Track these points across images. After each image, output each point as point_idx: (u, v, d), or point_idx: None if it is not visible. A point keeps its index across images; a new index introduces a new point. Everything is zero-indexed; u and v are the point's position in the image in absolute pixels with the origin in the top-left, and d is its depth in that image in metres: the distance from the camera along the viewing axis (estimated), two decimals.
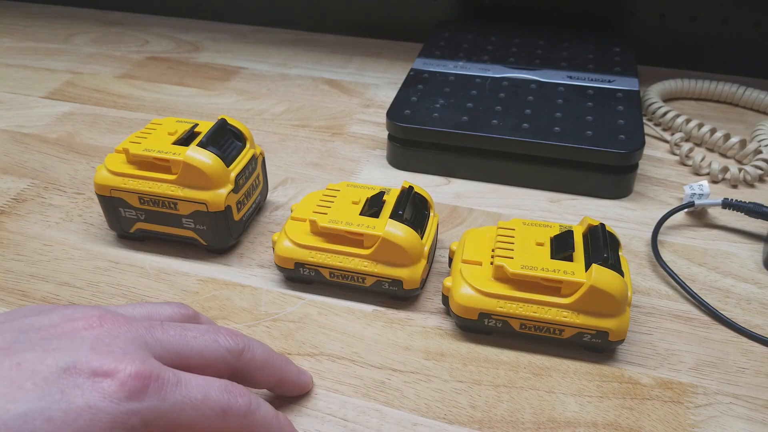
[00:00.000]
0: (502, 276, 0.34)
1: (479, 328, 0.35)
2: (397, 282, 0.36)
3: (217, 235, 0.40)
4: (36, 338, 0.24)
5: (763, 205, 0.42)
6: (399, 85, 0.54)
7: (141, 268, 0.40)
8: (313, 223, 0.36)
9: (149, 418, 0.23)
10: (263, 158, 0.43)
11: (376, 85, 0.63)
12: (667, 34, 0.63)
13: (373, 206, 0.37)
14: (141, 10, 0.80)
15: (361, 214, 0.37)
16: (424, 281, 0.38)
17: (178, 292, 0.39)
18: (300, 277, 0.38)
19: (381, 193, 0.38)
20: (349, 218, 0.37)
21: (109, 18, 0.79)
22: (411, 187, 0.39)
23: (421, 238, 0.37)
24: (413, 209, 0.38)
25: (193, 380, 0.25)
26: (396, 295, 0.37)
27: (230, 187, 0.38)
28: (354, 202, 0.38)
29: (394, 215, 0.36)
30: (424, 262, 0.36)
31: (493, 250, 0.35)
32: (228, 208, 0.39)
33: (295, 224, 0.38)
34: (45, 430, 0.21)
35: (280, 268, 0.38)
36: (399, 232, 0.35)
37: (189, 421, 0.24)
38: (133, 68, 0.66)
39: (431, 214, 0.39)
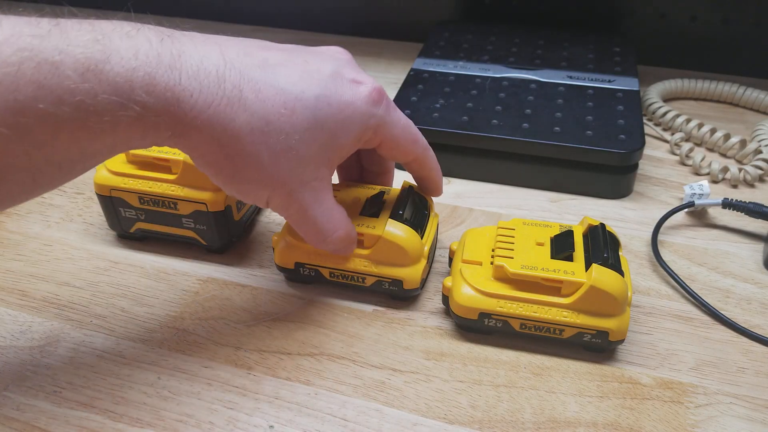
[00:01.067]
0: (502, 276, 0.34)
1: (479, 328, 0.35)
2: (397, 282, 0.36)
3: (217, 235, 0.40)
4: (308, 51, 0.32)
5: (763, 205, 0.42)
6: (399, 85, 0.54)
7: (141, 268, 0.40)
8: None
9: (379, 124, 0.32)
10: None
11: None
12: (667, 34, 0.63)
13: (373, 206, 0.37)
14: (141, 10, 0.80)
15: (361, 213, 0.37)
16: (424, 281, 0.38)
17: (178, 291, 0.39)
18: (300, 277, 0.38)
19: (381, 193, 0.38)
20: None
21: (109, 18, 0.79)
22: (411, 187, 0.39)
23: (421, 238, 0.37)
24: (413, 209, 0.38)
25: (399, 112, 0.34)
26: (396, 295, 0.37)
27: None
28: (354, 202, 0.38)
29: (394, 215, 0.36)
30: (424, 262, 0.36)
31: (493, 250, 0.35)
32: (228, 208, 0.39)
33: None
34: (328, 110, 0.30)
35: (280, 268, 0.38)
36: (399, 232, 0.35)
37: (397, 137, 0.33)
38: None
39: (431, 214, 0.39)
